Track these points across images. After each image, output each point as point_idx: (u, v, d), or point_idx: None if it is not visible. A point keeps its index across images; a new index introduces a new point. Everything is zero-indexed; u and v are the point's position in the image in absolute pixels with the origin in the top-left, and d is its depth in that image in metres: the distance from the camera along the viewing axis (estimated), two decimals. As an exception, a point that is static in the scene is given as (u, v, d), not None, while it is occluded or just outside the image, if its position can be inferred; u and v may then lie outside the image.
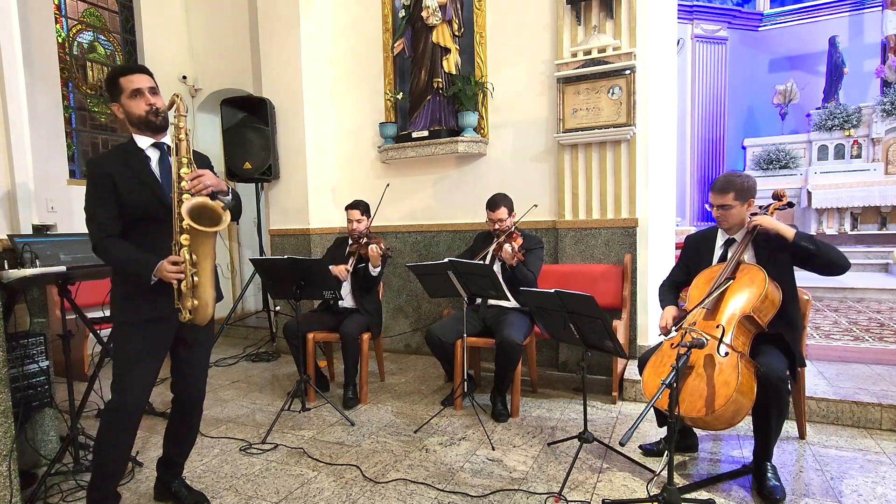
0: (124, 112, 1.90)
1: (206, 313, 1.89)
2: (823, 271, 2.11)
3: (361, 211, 3.53)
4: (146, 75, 1.90)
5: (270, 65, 4.58)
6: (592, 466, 2.36)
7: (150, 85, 1.90)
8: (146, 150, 1.92)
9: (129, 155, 1.90)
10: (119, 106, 1.90)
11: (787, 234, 2.13)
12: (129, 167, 1.88)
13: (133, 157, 1.90)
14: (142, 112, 1.87)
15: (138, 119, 1.88)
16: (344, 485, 2.27)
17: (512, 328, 2.92)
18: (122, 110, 1.90)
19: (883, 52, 9.26)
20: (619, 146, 3.52)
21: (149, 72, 1.92)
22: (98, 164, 1.89)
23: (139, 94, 1.87)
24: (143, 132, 1.91)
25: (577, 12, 3.55)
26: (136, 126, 1.90)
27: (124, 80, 1.86)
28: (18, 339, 2.36)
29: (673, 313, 2.32)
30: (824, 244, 2.10)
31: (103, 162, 1.90)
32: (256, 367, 4.27)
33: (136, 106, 1.87)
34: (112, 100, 1.92)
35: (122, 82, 1.86)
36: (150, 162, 1.92)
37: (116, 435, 1.91)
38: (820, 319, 4.89)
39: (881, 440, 2.54)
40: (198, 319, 1.87)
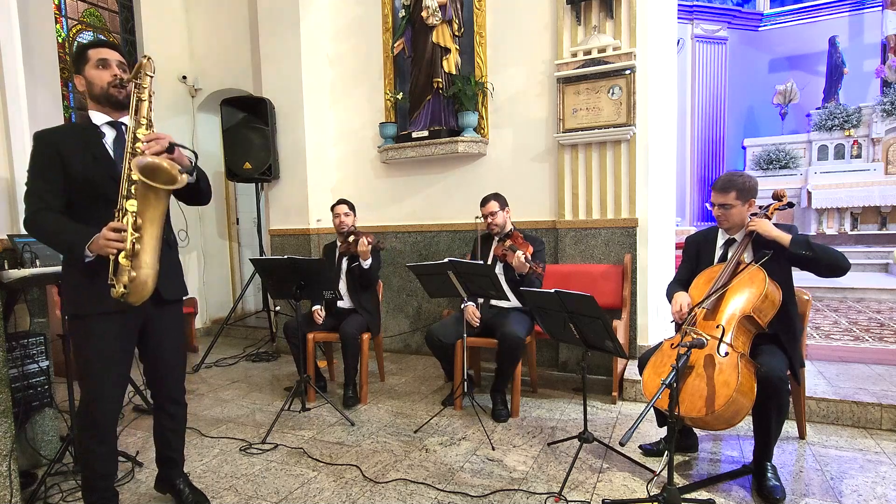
0: (86, 84, 1.80)
1: (143, 289, 1.68)
2: (823, 273, 2.10)
3: (348, 206, 3.56)
4: (117, 52, 1.83)
5: (270, 65, 4.57)
6: (592, 466, 2.36)
7: (119, 59, 1.82)
8: (101, 126, 1.83)
9: (83, 130, 1.82)
10: (82, 78, 1.80)
11: (782, 240, 2.11)
12: (82, 142, 1.78)
13: (87, 133, 1.81)
14: (104, 83, 1.79)
15: (100, 90, 1.79)
16: (344, 485, 2.27)
17: (514, 324, 2.92)
18: (85, 82, 1.80)
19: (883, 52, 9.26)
20: (619, 146, 3.52)
21: (121, 51, 1.86)
22: (45, 136, 1.78)
23: (105, 64, 1.79)
24: (103, 107, 1.83)
25: (577, 12, 3.55)
26: (97, 100, 1.81)
27: (93, 51, 1.79)
28: (18, 339, 2.36)
29: (686, 298, 2.27)
30: (822, 248, 2.08)
31: (51, 134, 1.79)
32: (256, 367, 4.27)
33: (100, 76, 1.78)
34: (76, 72, 1.82)
35: (89, 52, 1.79)
36: (105, 138, 1.82)
37: (97, 443, 1.83)
38: (820, 319, 4.89)
39: (881, 440, 2.54)
40: (132, 296, 1.66)
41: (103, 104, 1.82)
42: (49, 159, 1.74)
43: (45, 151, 1.75)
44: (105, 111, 1.84)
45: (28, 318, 2.46)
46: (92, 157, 1.77)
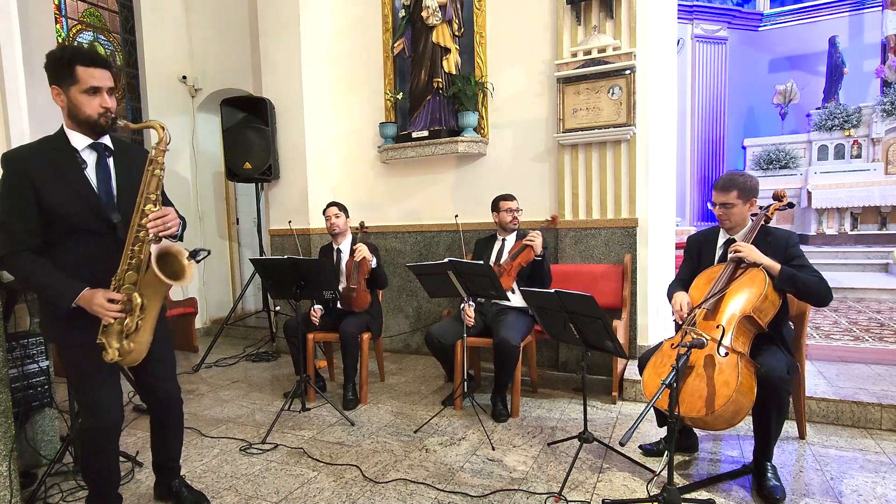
0: (68, 104, 1.62)
1: (139, 357, 1.72)
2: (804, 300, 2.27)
3: (339, 208, 3.55)
4: (108, 72, 1.65)
5: (270, 65, 4.58)
6: (592, 466, 2.36)
7: (110, 84, 1.66)
8: (81, 151, 1.67)
9: (59, 155, 1.64)
10: (62, 93, 1.62)
11: (772, 269, 2.11)
12: (59, 171, 1.62)
13: (64, 159, 1.64)
14: (93, 113, 1.63)
15: (86, 119, 1.64)
16: (344, 485, 2.27)
17: (510, 329, 2.92)
18: (67, 101, 1.62)
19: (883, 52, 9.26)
20: (619, 146, 3.52)
21: (111, 67, 1.68)
22: (16, 160, 1.61)
23: (96, 92, 1.62)
24: (83, 130, 1.67)
25: (577, 12, 3.55)
26: (78, 124, 1.65)
27: (83, 72, 1.60)
28: (18, 339, 2.36)
29: (686, 298, 2.26)
30: (807, 284, 2.08)
31: (23, 160, 1.61)
32: (256, 367, 4.27)
33: (89, 104, 1.62)
34: (54, 82, 1.62)
35: (80, 72, 1.59)
36: (86, 168, 1.67)
37: (100, 454, 1.82)
38: (820, 319, 4.89)
39: (881, 440, 2.54)
40: (127, 362, 1.70)
41: (84, 128, 1.67)
42: (20, 190, 1.59)
43: (15, 181, 1.59)
44: (86, 133, 1.68)
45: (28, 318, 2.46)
46: (72, 191, 1.63)
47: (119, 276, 1.65)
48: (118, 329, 1.65)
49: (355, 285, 3.30)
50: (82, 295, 1.61)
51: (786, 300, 2.21)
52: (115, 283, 1.65)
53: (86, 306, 1.61)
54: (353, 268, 3.31)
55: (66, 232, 1.65)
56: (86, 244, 1.67)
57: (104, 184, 1.70)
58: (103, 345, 1.65)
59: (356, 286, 3.29)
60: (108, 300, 1.61)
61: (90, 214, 1.66)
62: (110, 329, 1.64)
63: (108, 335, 1.65)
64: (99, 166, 1.70)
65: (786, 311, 2.27)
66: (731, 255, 2.20)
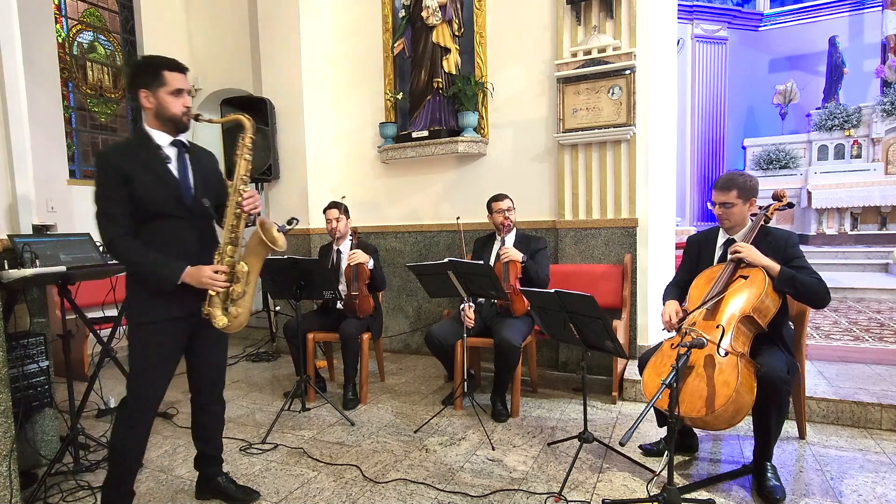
0: (156, 104, 1.84)
1: (244, 321, 1.95)
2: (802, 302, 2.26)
3: (339, 210, 3.49)
4: (186, 76, 1.89)
5: (270, 65, 4.58)
6: (592, 466, 2.36)
7: (189, 87, 1.92)
8: (165, 147, 1.88)
9: (145, 151, 1.86)
10: (150, 95, 1.83)
11: (771, 270, 2.12)
12: (146, 163, 1.83)
13: (149, 154, 1.85)
14: (177, 112, 1.85)
15: (171, 117, 1.85)
16: (344, 485, 2.27)
17: (510, 329, 2.92)
18: (154, 101, 1.83)
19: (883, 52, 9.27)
20: (619, 146, 3.52)
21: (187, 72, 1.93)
22: (109, 157, 1.83)
23: (180, 93, 1.85)
24: (165, 127, 1.88)
25: (577, 12, 3.55)
26: (162, 122, 1.86)
27: (171, 76, 1.83)
28: (18, 339, 2.36)
29: (675, 307, 2.30)
30: (806, 286, 2.09)
31: (115, 155, 1.84)
32: (256, 367, 4.27)
33: (174, 104, 1.84)
34: (143, 86, 1.84)
35: (168, 76, 1.82)
36: (169, 162, 1.88)
37: (134, 433, 1.90)
38: (820, 319, 4.89)
39: (881, 440, 2.54)
40: (233, 327, 1.92)
41: (167, 126, 1.88)
42: (116, 181, 1.78)
43: (110, 173, 1.79)
44: (167, 131, 1.89)
45: (28, 318, 2.46)
46: (158, 180, 1.83)
47: (221, 249, 1.90)
48: (222, 299, 1.89)
49: (356, 292, 3.29)
50: (187, 272, 1.82)
51: (785, 300, 2.21)
52: (217, 257, 1.89)
53: (192, 281, 1.82)
54: (351, 275, 3.30)
55: (151, 217, 1.84)
56: (167, 228, 1.86)
57: (183, 175, 1.91)
58: (210, 314, 1.88)
59: (357, 292, 3.29)
60: (214, 272, 1.84)
61: (173, 201, 1.86)
62: (214, 300, 1.88)
63: (212, 306, 1.88)
64: (179, 160, 1.91)
65: (786, 311, 2.27)
66: (731, 256, 2.20)
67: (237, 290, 1.89)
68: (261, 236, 1.89)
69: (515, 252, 3.09)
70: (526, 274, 3.10)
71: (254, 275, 1.94)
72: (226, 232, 1.90)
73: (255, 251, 1.93)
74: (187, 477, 2.36)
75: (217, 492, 2.15)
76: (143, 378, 1.87)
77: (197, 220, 1.93)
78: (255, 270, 1.95)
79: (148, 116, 1.87)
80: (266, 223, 1.95)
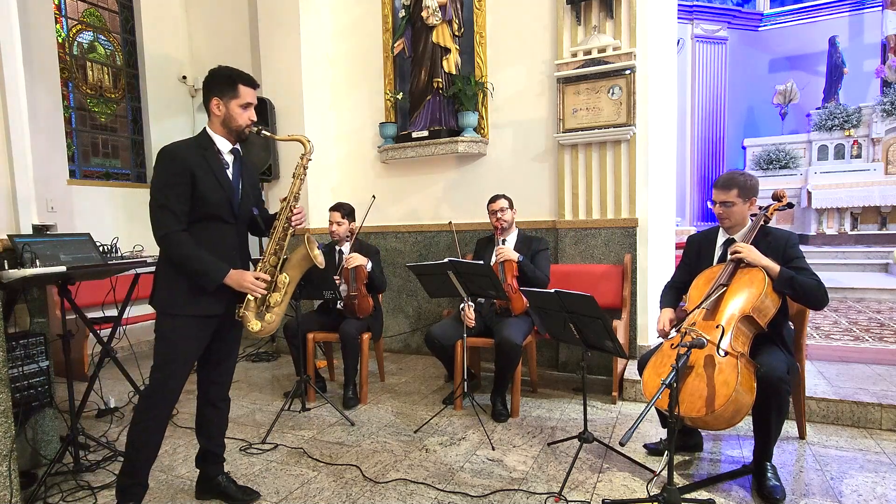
0: (225, 112, 1.93)
1: (274, 328, 2.04)
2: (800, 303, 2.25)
3: (343, 213, 3.45)
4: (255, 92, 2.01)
5: (270, 65, 4.58)
6: (592, 466, 2.36)
7: (256, 102, 2.01)
8: (225, 154, 1.97)
9: (209, 153, 1.93)
10: (223, 104, 1.93)
11: (771, 270, 2.12)
12: (209, 165, 1.90)
13: (212, 157, 1.93)
14: (243, 123, 1.95)
15: (236, 127, 1.95)
16: (344, 485, 2.27)
17: (511, 329, 2.92)
18: (224, 110, 1.93)
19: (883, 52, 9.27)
20: (619, 146, 3.52)
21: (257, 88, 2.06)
22: (178, 153, 1.89)
23: (248, 107, 1.96)
24: (229, 135, 1.97)
25: (577, 12, 3.55)
26: (227, 129, 1.96)
27: (244, 90, 1.94)
28: (18, 339, 2.36)
29: (669, 316, 2.34)
30: (804, 287, 2.09)
31: (184, 152, 1.89)
32: (256, 367, 4.27)
33: (241, 116, 1.94)
34: (217, 95, 1.93)
35: (241, 90, 1.93)
36: (228, 168, 1.97)
37: (154, 419, 1.94)
38: (820, 319, 4.89)
39: (881, 440, 2.54)
40: (264, 332, 2.02)
41: (230, 134, 1.98)
42: (182, 177, 1.85)
43: (179, 169, 1.85)
44: (229, 139, 1.98)
45: (28, 318, 2.46)
46: (217, 184, 1.91)
47: (266, 258, 2.01)
48: (258, 305, 1.99)
49: (355, 292, 3.29)
50: (230, 274, 1.90)
51: (785, 300, 2.21)
52: (261, 266, 2.00)
53: (234, 284, 1.91)
54: (350, 276, 3.30)
55: (202, 217, 1.91)
56: (215, 230, 1.95)
57: (236, 182, 2.00)
58: (244, 318, 1.97)
59: (356, 293, 3.29)
60: (255, 278, 1.94)
61: (226, 205, 1.95)
62: (250, 304, 1.98)
63: (248, 309, 1.98)
64: (234, 168, 2.01)
65: (786, 311, 2.27)
66: (731, 256, 2.20)
67: (276, 298, 2.01)
68: (307, 251, 2.04)
69: (511, 251, 3.10)
70: (522, 273, 3.09)
71: (292, 286, 2.06)
72: (272, 243, 2.02)
73: (299, 265, 2.07)
74: (187, 477, 2.36)
75: (217, 492, 2.15)
76: (167, 370, 1.91)
77: (241, 227, 2.05)
78: (293, 282, 2.06)
79: (214, 123, 1.97)
80: (311, 241, 2.07)
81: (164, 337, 1.93)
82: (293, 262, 2.06)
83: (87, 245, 2.57)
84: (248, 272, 1.94)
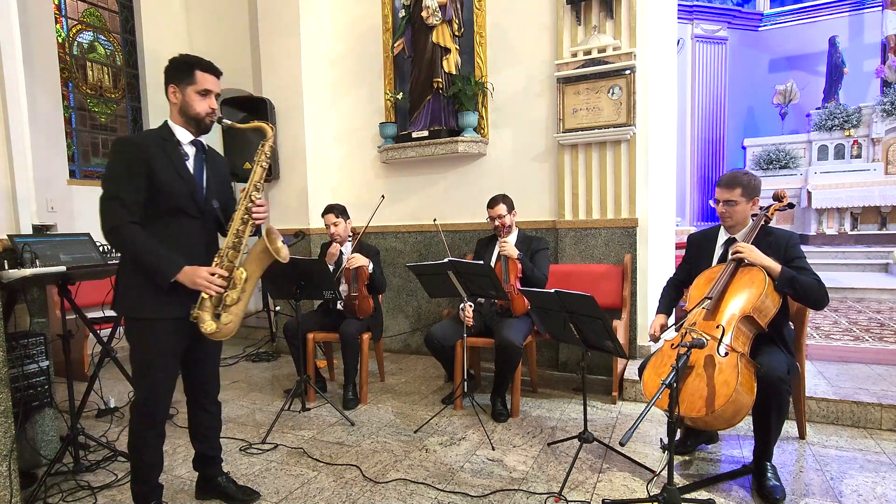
0: (182, 101, 1.85)
1: (234, 329, 1.89)
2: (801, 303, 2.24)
3: (336, 213, 3.43)
4: (218, 80, 1.90)
5: (270, 65, 4.57)
6: (592, 466, 2.36)
7: (218, 91, 1.90)
8: (185, 145, 1.88)
9: (167, 143, 1.84)
10: (179, 91, 1.84)
11: (772, 270, 2.12)
12: (167, 155, 1.82)
13: (171, 148, 1.85)
14: (201, 111, 1.85)
15: (194, 115, 1.85)
16: (344, 485, 2.27)
17: (511, 329, 2.91)
18: (181, 97, 1.84)
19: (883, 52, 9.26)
20: (619, 146, 3.52)
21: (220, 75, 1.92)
22: (132, 141, 1.82)
23: (208, 94, 1.86)
24: (189, 127, 1.88)
25: (577, 12, 3.55)
26: (185, 119, 1.87)
27: (202, 76, 1.84)
28: (18, 339, 2.36)
29: (661, 322, 2.41)
30: (805, 287, 2.09)
31: (139, 140, 1.82)
32: (256, 367, 4.27)
33: (200, 104, 1.85)
34: (173, 82, 1.85)
35: (198, 76, 1.83)
36: (188, 159, 1.88)
37: (150, 429, 1.90)
38: (820, 319, 4.89)
39: (881, 440, 2.54)
40: (222, 334, 1.86)
41: (189, 124, 1.88)
42: (137, 166, 1.76)
43: (132, 157, 1.76)
44: (189, 130, 1.89)
45: (28, 318, 2.46)
46: (177, 174, 1.82)
47: (222, 253, 1.85)
48: (214, 304, 1.82)
49: (356, 293, 3.29)
50: (183, 270, 1.76)
51: (786, 300, 2.21)
52: (217, 260, 1.85)
53: (186, 281, 1.77)
54: (351, 277, 3.30)
55: (163, 212, 1.82)
56: (176, 225, 1.84)
57: (199, 174, 1.91)
58: (198, 318, 1.81)
59: (357, 293, 3.29)
60: (210, 274, 1.78)
61: (188, 197, 1.85)
62: (205, 303, 1.81)
63: (202, 309, 1.81)
64: (196, 160, 1.91)
65: (786, 310, 2.27)
66: (732, 256, 2.20)
67: (232, 296, 1.83)
68: (266, 245, 1.86)
69: (512, 248, 3.10)
70: (522, 273, 3.10)
71: (251, 283, 1.89)
72: (230, 236, 1.88)
73: (258, 259, 1.90)
74: (187, 477, 2.35)
75: (217, 492, 2.15)
76: (150, 378, 1.85)
77: (207, 223, 1.93)
78: (253, 278, 1.90)
79: (173, 112, 1.88)
80: (273, 233, 1.91)
81: (135, 344, 1.85)
82: (252, 257, 1.89)
83: (87, 245, 2.57)
84: (203, 268, 1.79)
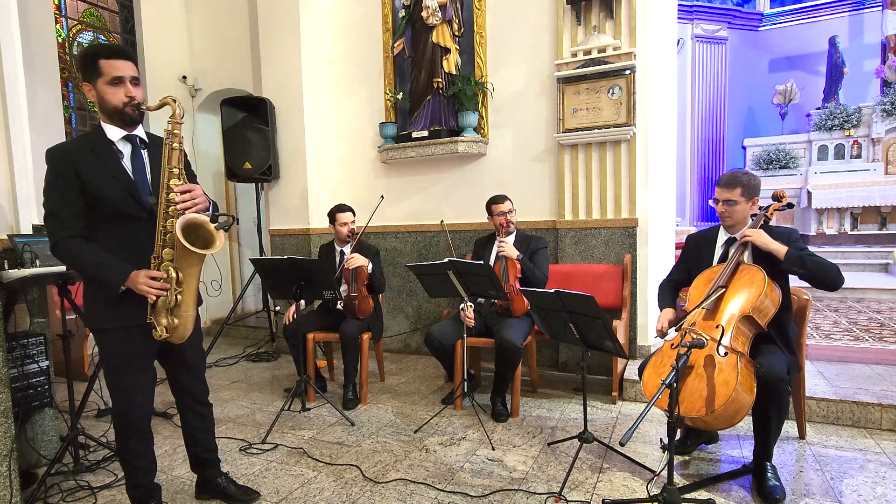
0: (98, 97, 1.73)
1: (185, 332, 1.80)
2: (816, 286, 2.13)
3: (353, 212, 3.53)
4: (130, 62, 1.74)
5: (270, 65, 4.57)
6: (592, 466, 2.36)
7: (133, 74, 1.74)
8: (117, 142, 1.77)
9: (98, 146, 1.75)
10: (92, 88, 1.72)
11: (778, 254, 2.11)
12: (99, 160, 1.73)
13: (102, 149, 1.75)
14: (119, 103, 1.72)
15: (113, 109, 1.73)
16: (344, 485, 2.27)
17: (511, 329, 2.92)
18: (96, 95, 1.73)
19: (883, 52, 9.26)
20: (619, 146, 3.52)
21: (133, 58, 1.77)
22: (60, 153, 1.72)
23: (120, 82, 1.71)
24: (115, 122, 1.77)
25: (577, 12, 3.55)
26: (109, 115, 1.75)
27: (106, 64, 1.69)
28: (18, 339, 2.36)
29: (669, 316, 2.33)
30: (816, 264, 2.07)
31: (66, 152, 1.73)
32: (256, 367, 4.27)
33: (114, 95, 1.71)
34: (86, 80, 1.73)
35: (102, 65, 1.69)
36: (122, 158, 1.77)
37: (135, 442, 1.89)
38: (820, 319, 4.89)
39: (881, 440, 2.54)
40: (174, 338, 1.78)
41: (114, 119, 1.77)
42: (66, 179, 1.69)
43: (62, 170, 1.70)
44: (117, 125, 1.78)
45: (28, 318, 2.46)
46: (110, 177, 1.73)
47: (157, 253, 1.73)
48: (162, 307, 1.74)
49: (356, 293, 3.29)
50: (130, 276, 1.69)
51: (787, 299, 2.20)
52: (154, 262, 1.74)
53: (132, 286, 1.69)
54: (350, 277, 3.30)
55: (107, 218, 1.75)
56: (124, 229, 1.76)
57: (139, 172, 1.80)
58: (152, 323, 1.74)
59: (357, 294, 3.29)
60: (149, 278, 1.69)
61: (128, 198, 1.75)
62: (157, 307, 1.74)
63: (155, 314, 1.74)
64: (134, 156, 1.80)
65: (789, 309, 2.26)
66: (741, 240, 2.20)
67: (169, 298, 1.72)
68: (179, 240, 1.64)
69: (511, 248, 3.10)
70: (521, 272, 3.10)
71: (189, 282, 1.75)
72: (157, 235, 1.72)
73: (184, 255, 1.71)
74: (187, 477, 2.35)
75: (217, 492, 2.15)
76: (123, 386, 1.82)
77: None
78: (189, 276, 1.74)
79: (99, 111, 1.77)
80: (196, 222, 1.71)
81: (103, 353, 1.82)
82: (179, 255, 1.72)
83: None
84: (143, 271, 1.69)
